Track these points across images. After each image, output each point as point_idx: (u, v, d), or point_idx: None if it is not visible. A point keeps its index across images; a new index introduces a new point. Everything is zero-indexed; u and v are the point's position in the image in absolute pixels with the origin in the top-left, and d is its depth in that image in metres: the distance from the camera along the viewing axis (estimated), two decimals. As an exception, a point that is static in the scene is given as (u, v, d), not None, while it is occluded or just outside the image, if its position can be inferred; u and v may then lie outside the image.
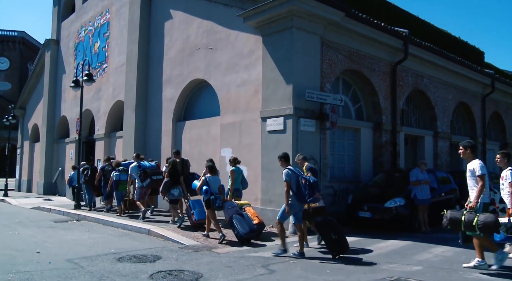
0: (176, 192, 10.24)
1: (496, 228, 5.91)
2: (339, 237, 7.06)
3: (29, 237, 9.16)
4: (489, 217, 5.89)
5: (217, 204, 8.56)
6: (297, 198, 7.12)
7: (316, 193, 7.13)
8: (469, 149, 6.54)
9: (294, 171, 7.24)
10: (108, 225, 10.95)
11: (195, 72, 13.05)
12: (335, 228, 7.13)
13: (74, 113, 20.94)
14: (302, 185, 7.04)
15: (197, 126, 13.06)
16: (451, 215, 6.24)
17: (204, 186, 8.64)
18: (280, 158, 7.64)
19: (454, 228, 6.26)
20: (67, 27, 22.84)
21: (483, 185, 6.14)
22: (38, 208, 15.97)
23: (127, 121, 15.55)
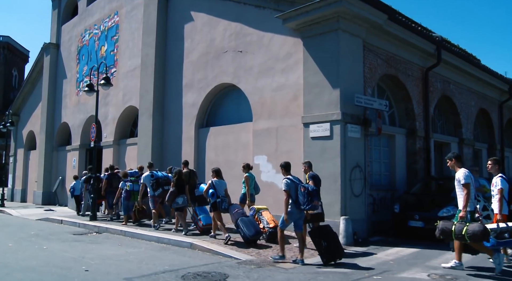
0: (180, 201, 10.30)
1: (486, 237, 6.11)
2: (330, 244, 7.20)
3: (61, 252, 8.42)
4: (477, 227, 6.12)
5: (223, 206, 9.08)
6: (296, 206, 7.22)
7: (315, 201, 7.25)
8: (454, 159, 6.84)
9: (293, 180, 7.36)
10: (137, 238, 10.25)
11: (221, 76, 12.51)
12: (326, 235, 7.29)
13: (77, 119, 20.14)
14: (301, 193, 7.14)
15: (224, 132, 12.49)
16: (443, 226, 6.52)
17: (211, 189, 9.13)
18: (282, 167, 7.70)
19: (446, 238, 6.60)
20: (68, 31, 22.01)
21: (468, 193, 6.42)
22: (46, 219, 15.08)
23: (142, 127, 14.86)
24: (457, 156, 6.94)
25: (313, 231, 7.54)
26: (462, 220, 6.38)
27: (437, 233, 6.60)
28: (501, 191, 6.76)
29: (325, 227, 7.60)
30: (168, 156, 14.14)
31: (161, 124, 14.51)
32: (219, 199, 9.16)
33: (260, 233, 8.90)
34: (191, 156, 13.22)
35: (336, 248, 7.31)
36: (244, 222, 8.82)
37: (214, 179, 9.32)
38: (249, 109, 11.79)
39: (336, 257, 7.26)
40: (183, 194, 10.41)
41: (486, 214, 6.94)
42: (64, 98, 21.67)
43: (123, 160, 16.92)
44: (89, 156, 20.13)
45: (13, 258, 7.86)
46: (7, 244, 9.60)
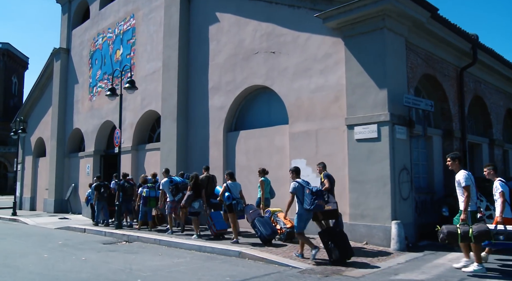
0: (196, 205, 10.48)
1: (488, 236, 6.33)
2: (336, 245, 7.39)
3: (104, 264, 8.01)
4: (481, 227, 6.33)
5: (239, 208, 9.46)
6: (303, 207, 7.57)
7: (319, 201, 7.46)
8: (457, 160, 6.99)
9: (301, 184, 7.72)
10: (175, 247, 9.84)
11: (252, 78, 12.17)
12: (333, 237, 7.50)
13: (91, 125, 19.71)
14: (306, 195, 7.50)
15: (255, 136, 12.12)
16: (448, 230, 6.55)
17: (226, 192, 9.48)
18: (292, 171, 8.16)
19: (451, 242, 6.61)
20: (79, 35, 21.60)
21: (469, 195, 6.59)
22: (67, 228, 14.64)
23: (165, 132, 14.46)
24: (459, 157, 7.08)
25: (322, 232, 7.76)
26: (464, 222, 6.53)
27: (443, 238, 6.59)
28: (502, 194, 6.83)
29: (334, 228, 7.99)
30: (194, 160, 13.75)
31: (185, 128, 14.13)
32: (234, 201, 9.52)
33: (276, 232, 9.37)
34: (220, 160, 12.85)
35: (345, 248, 7.46)
36: (260, 222, 9.28)
37: (228, 182, 9.63)
38: (283, 111, 11.45)
39: (345, 257, 7.38)
40: (200, 199, 10.56)
41: (488, 213, 7.16)
42: (76, 103, 21.23)
43: (142, 166, 16.51)
44: (103, 163, 19.71)
45: (57, 271, 7.44)
46: (41, 255, 9.18)
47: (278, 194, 10.90)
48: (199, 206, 10.53)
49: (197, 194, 10.53)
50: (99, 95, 19.39)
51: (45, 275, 7.09)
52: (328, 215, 7.96)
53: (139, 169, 16.56)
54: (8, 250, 10.16)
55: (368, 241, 9.13)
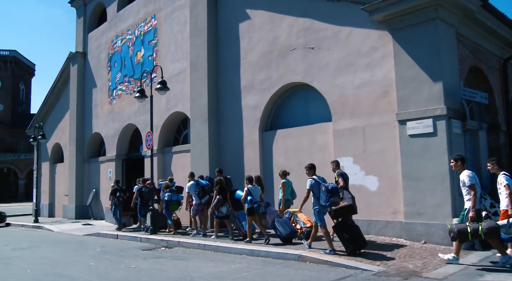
0: (224, 210, 10.71)
1: (498, 232, 6.53)
2: (351, 236, 7.93)
3: (159, 272, 7.66)
4: (490, 223, 6.51)
5: (261, 210, 9.77)
6: (319, 203, 8.08)
7: (335, 198, 7.96)
8: (459, 161, 7.16)
9: (317, 180, 8.24)
10: (223, 252, 9.48)
11: (290, 75, 11.82)
12: (348, 229, 8.06)
13: (111, 129, 19.40)
14: (322, 191, 8.00)
15: (294, 134, 11.77)
16: (458, 228, 6.76)
17: (248, 196, 9.79)
18: (308, 168, 8.67)
19: (462, 240, 6.80)
20: (96, 38, 21.30)
21: (475, 194, 6.74)
22: (97, 234, 14.30)
23: (196, 133, 14.11)
24: (462, 158, 7.24)
25: (337, 225, 8.27)
26: (472, 220, 6.71)
27: (453, 237, 6.81)
28: (508, 187, 6.92)
29: (347, 221, 8.37)
30: (227, 162, 13.40)
31: (217, 129, 13.78)
32: (256, 205, 9.79)
33: (295, 232, 9.58)
34: (256, 161, 12.51)
35: (359, 240, 8.04)
36: (280, 222, 9.63)
37: (249, 186, 9.91)
38: (324, 109, 11.12)
39: (359, 247, 7.97)
40: (226, 203, 10.74)
41: (494, 210, 7.18)
42: (95, 107, 20.91)
43: (168, 169, 16.17)
44: (125, 167, 19.39)
45: (115, 280, 7.09)
46: (86, 263, 8.86)
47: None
48: (227, 210, 10.74)
49: (224, 198, 10.73)
50: (119, 98, 19.07)
51: (105, 285, 6.75)
52: (346, 211, 8.30)
53: (166, 171, 16.21)
54: (50, 258, 9.84)
55: (426, 240, 8.77)
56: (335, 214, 8.35)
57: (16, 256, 10.46)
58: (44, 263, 9.25)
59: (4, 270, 8.62)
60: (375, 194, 9.81)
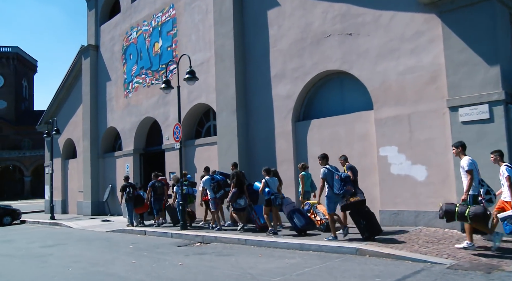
0: (242, 202, 10.94)
1: (486, 218, 6.81)
2: (368, 223, 8.34)
3: (211, 269, 7.28)
4: (478, 209, 6.71)
5: (277, 202, 9.92)
6: (333, 191, 8.38)
7: (348, 186, 8.27)
8: (460, 147, 7.36)
9: (330, 169, 8.55)
10: (266, 246, 9.09)
11: (325, 63, 11.40)
12: (365, 216, 8.43)
13: (128, 123, 18.97)
14: (336, 180, 8.34)
15: (331, 124, 11.37)
16: (446, 207, 7.01)
17: (266, 187, 9.92)
18: (321, 158, 8.93)
19: (449, 219, 7.06)
20: (109, 31, 20.81)
21: (471, 179, 6.97)
22: (122, 231, 13.93)
23: (223, 125, 13.69)
24: (462, 144, 7.40)
25: (353, 213, 8.58)
26: (464, 202, 6.91)
27: (440, 214, 7.08)
28: (509, 178, 7.04)
29: (363, 209, 8.57)
30: (257, 153, 13.01)
31: (245, 120, 13.37)
32: (273, 196, 9.94)
33: (311, 223, 9.75)
34: (289, 152, 12.12)
35: (374, 226, 8.45)
36: (295, 214, 9.73)
37: (266, 178, 10.04)
38: (363, 97, 10.73)
39: (374, 234, 8.34)
40: (244, 195, 10.94)
41: (488, 197, 7.21)
42: (110, 101, 20.46)
43: (191, 163, 15.77)
44: (143, 161, 18.99)
45: (167, 279, 6.71)
46: (126, 261, 8.49)
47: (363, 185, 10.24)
48: (244, 202, 10.95)
49: (240, 190, 10.90)
50: (136, 91, 18.63)
51: (163, 284, 6.37)
52: (357, 206, 8.56)
53: (188, 166, 15.82)
54: (85, 256, 9.45)
55: (483, 232, 8.39)
56: (346, 208, 8.68)
57: (48, 254, 10.08)
58: (81, 261, 8.86)
59: (44, 268, 8.24)
60: (423, 184, 9.44)
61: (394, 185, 9.86)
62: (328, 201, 8.52)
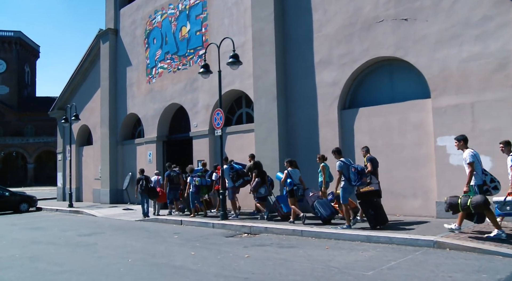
0: (263, 191, 11.24)
1: (487, 206, 7.15)
2: (376, 213, 8.75)
3: (286, 262, 6.92)
4: (479, 198, 7.17)
5: (299, 193, 10.25)
6: (349, 183, 8.81)
7: (364, 178, 8.76)
8: (462, 141, 7.75)
9: (345, 162, 8.94)
10: (328, 238, 8.74)
11: (376, 49, 11.00)
12: (373, 205, 8.84)
13: (151, 109, 18.50)
14: (352, 172, 8.71)
15: (382, 113, 11.00)
16: (450, 200, 7.56)
17: (288, 178, 10.22)
18: (334, 152, 9.29)
19: (454, 211, 7.55)
20: (129, 14, 20.19)
21: (472, 171, 7.40)
22: (155, 220, 13.58)
23: (261, 112, 13.28)
24: (464, 138, 7.76)
25: (362, 203, 8.97)
26: (466, 194, 7.36)
27: (446, 207, 7.61)
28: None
29: (371, 199, 8.92)
30: (298, 142, 12.64)
31: (285, 108, 12.97)
32: (295, 187, 10.22)
33: (335, 213, 9.97)
34: (334, 141, 11.75)
35: (382, 216, 8.88)
36: (320, 203, 9.92)
37: (289, 169, 10.33)
38: (417, 84, 10.41)
39: (380, 223, 8.77)
40: (265, 185, 11.29)
41: (493, 185, 7.53)
42: (130, 87, 19.94)
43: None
44: (166, 149, 18.55)
45: (246, 273, 6.36)
46: (184, 252, 8.12)
47: (417, 175, 10.01)
48: (265, 191, 11.28)
49: (262, 180, 11.24)
50: (160, 77, 18.13)
51: (252, 279, 6.02)
52: (371, 195, 8.91)
53: (218, 153, 15.38)
54: (134, 246, 9.08)
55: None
56: (361, 196, 8.95)
57: (92, 243, 9.71)
58: (133, 251, 8.48)
59: (101, 259, 7.85)
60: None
61: (453, 176, 9.54)
62: (344, 192, 8.93)
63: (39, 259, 8.10)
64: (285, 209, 10.97)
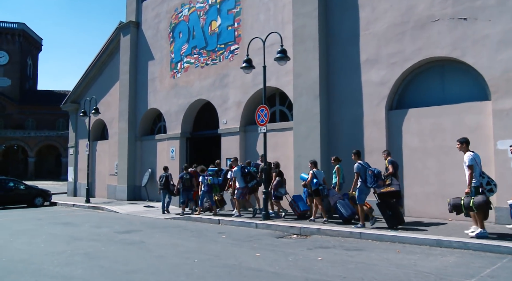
0: (283, 191, 11.88)
1: (488, 206, 7.67)
2: (393, 214, 9.19)
3: (370, 266, 6.63)
4: (480, 198, 7.58)
5: (325, 192, 10.60)
6: (365, 185, 9.30)
7: (380, 181, 9.23)
8: (464, 143, 8.10)
9: (363, 165, 9.41)
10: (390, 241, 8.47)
11: (431, 49, 10.74)
12: (391, 207, 9.28)
13: (175, 105, 18.12)
14: (369, 175, 9.17)
15: (433, 114, 10.75)
16: (453, 202, 7.98)
17: (314, 178, 10.59)
18: (354, 154, 9.81)
19: (457, 212, 7.99)
20: (153, 7, 19.77)
21: (471, 173, 7.77)
22: (187, 218, 13.22)
23: (301, 110, 12.97)
24: (466, 140, 8.14)
25: (380, 203, 9.37)
26: (467, 195, 7.74)
27: (449, 209, 8.02)
28: None
29: (389, 200, 9.38)
30: (340, 142, 12.35)
31: (327, 106, 12.67)
32: (321, 187, 10.56)
33: (355, 213, 10.15)
34: (380, 142, 11.48)
35: (399, 217, 9.31)
36: (341, 204, 10.37)
37: (314, 170, 10.74)
38: (474, 86, 10.21)
39: (397, 224, 9.16)
40: (284, 184, 11.88)
41: (489, 188, 7.83)
42: (152, 81, 19.52)
43: (252, 149, 15.05)
44: (190, 146, 18.17)
45: (338, 277, 6.04)
46: (247, 253, 7.77)
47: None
48: (284, 192, 11.85)
49: (282, 180, 11.86)
50: (186, 72, 17.74)
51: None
52: (391, 195, 9.42)
53: (248, 152, 15.14)
54: (186, 246, 8.70)
55: None
56: (381, 196, 9.38)
57: (138, 241, 9.33)
58: (191, 251, 8.12)
59: (163, 258, 7.47)
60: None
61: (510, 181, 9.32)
62: (360, 193, 9.38)
63: (96, 257, 7.71)
64: (302, 208, 11.55)
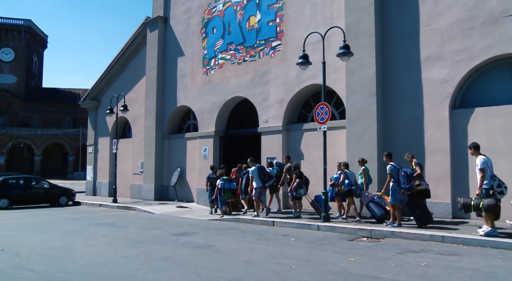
0: (302, 191, 11.97)
1: (497, 208, 8.01)
2: (422, 213, 9.57)
3: (484, 274, 6.21)
4: (491, 201, 7.97)
5: (358, 192, 10.90)
6: (398, 185, 9.65)
7: (412, 182, 9.62)
8: (473, 148, 8.53)
9: (395, 166, 9.77)
10: (476, 245, 8.05)
11: (503, 46, 10.35)
12: (419, 206, 9.65)
13: (208, 102, 17.64)
14: (401, 176, 9.56)
15: (504, 114, 10.32)
16: (464, 201, 8.50)
17: (346, 179, 10.92)
18: (386, 155, 10.26)
19: (466, 210, 8.57)
20: (183, 2, 19.26)
21: (483, 176, 8.12)
22: (236, 220, 12.72)
23: (355, 108, 12.53)
24: (476, 145, 8.54)
25: (410, 203, 9.66)
26: (478, 196, 8.16)
27: (459, 207, 8.57)
28: None
29: (418, 200, 9.73)
30: (397, 141, 11.93)
31: (383, 104, 12.26)
32: (353, 187, 10.91)
33: (388, 212, 10.35)
34: (444, 142, 11.10)
35: (428, 216, 9.69)
36: (374, 204, 10.65)
37: (346, 171, 11.10)
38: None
39: (427, 223, 9.55)
40: (304, 185, 11.96)
41: (500, 190, 8.16)
42: (181, 78, 19.01)
43: (296, 148, 14.60)
44: (223, 145, 17.67)
45: None
46: (338, 258, 7.34)
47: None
48: (304, 192, 11.98)
49: (302, 181, 11.91)
50: (220, 68, 17.25)
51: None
52: (422, 195, 9.84)
53: (291, 151, 14.66)
54: (264, 250, 8.23)
55: None
56: (412, 195, 9.62)
57: (207, 245, 8.83)
58: (274, 256, 7.64)
59: (254, 265, 6.98)
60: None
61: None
62: (394, 193, 9.71)
63: (178, 262, 7.21)
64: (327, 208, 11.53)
